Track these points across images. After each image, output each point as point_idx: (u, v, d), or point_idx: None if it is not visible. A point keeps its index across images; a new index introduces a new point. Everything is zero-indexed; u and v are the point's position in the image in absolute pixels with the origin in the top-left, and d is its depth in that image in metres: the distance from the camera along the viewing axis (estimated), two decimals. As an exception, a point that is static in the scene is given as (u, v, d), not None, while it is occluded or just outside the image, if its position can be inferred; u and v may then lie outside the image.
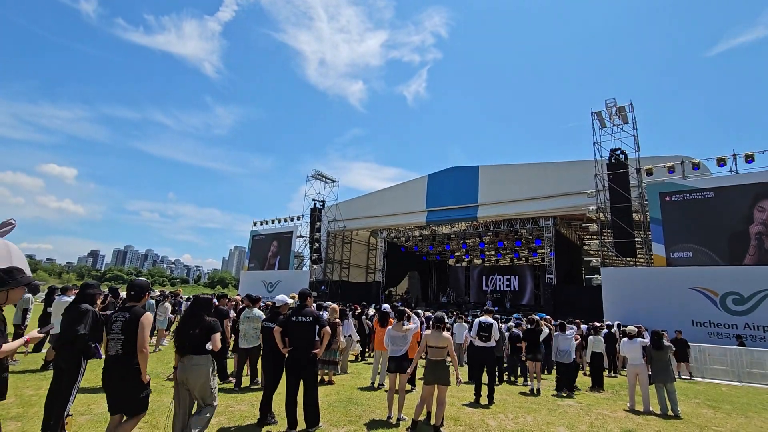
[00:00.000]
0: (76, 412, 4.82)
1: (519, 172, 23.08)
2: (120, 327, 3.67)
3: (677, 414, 6.74)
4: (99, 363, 7.62)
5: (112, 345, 3.66)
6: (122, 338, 3.63)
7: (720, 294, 14.06)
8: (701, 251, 15.38)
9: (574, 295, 21.19)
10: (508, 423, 5.74)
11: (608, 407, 7.21)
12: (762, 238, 14.39)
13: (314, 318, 5.01)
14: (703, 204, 15.59)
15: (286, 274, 29.24)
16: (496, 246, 29.77)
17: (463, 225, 26.72)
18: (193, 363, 4.01)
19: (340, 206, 30.84)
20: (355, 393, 6.97)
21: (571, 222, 25.47)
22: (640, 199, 17.59)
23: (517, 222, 23.87)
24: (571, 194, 20.23)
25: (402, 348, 5.74)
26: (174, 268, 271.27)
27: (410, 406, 6.00)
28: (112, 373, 3.63)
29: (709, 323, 14.00)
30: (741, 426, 6.35)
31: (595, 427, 5.80)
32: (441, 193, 25.70)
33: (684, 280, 14.77)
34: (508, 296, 29.56)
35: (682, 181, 16.32)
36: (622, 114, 18.42)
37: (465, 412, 6.20)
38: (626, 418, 6.52)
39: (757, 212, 14.55)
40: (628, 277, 16.42)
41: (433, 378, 5.13)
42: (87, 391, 5.99)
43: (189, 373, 3.98)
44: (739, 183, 15.17)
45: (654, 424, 6.20)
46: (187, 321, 4.25)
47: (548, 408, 6.82)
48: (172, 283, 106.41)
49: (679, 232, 15.93)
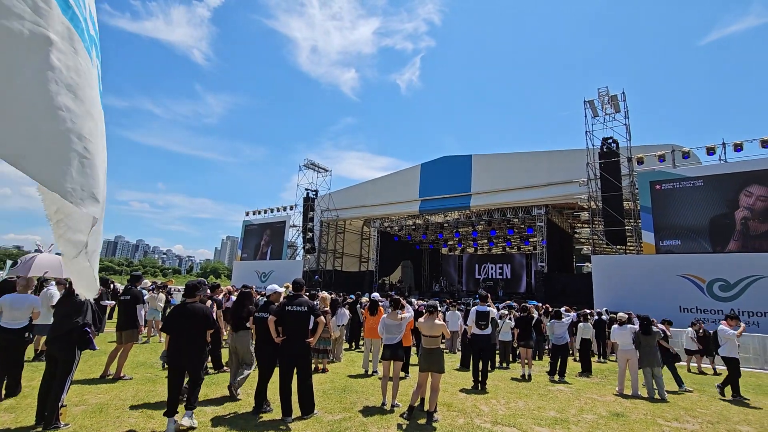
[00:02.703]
0: (70, 403, 4.81)
1: (512, 161, 23.14)
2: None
3: (664, 397, 6.92)
4: (93, 354, 7.62)
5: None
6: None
7: (707, 281, 14.35)
8: (689, 239, 15.63)
9: (565, 282, 21.46)
10: (500, 408, 5.85)
11: (597, 392, 7.38)
12: (747, 223, 14.65)
13: (309, 308, 5.03)
14: (692, 192, 15.80)
15: (279, 264, 29.18)
16: (488, 235, 29.95)
17: (456, 214, 26.82)
18: (240, 335, 5.93)
19: (333, 195, 30.72)
20: (349, 381, 7.04)
21: (563, 210, 25.68)
22: (631, 188, 17.76)
23: (510, 211, 24.01)
24: (563, 183, 20.35)
25: (396, 336, 5.80)
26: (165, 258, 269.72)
27: (404, 393, 6.09)
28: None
29: (696, 309, 14.31)
30: (724, 408, 6.54)
31: (584, 411, 5.94)
32: (434, 182, 25.70)
33: (672, 268, 15.03)
34: (501, 284, 29.87)
35: (673, 170, 16.50)
36: (614, 103, 18.48)
37: (458, 398, 6.30)
38: (615, 401, 6.68)
39: (744, 197, 14.78)
40: (617, 265, 16.65)
41: (427, 365, 5.24)
42: (81, 381, 5.98)
43: (238, 342, 5.91)
44: (727, 171, 15.38)
45: (642, 407, 6.36)
46: (238, 307, 6.06)
47: (539, 393, 6.96)
48: (164, 274, 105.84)
49: (668, 220, 16.15)
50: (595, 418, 5.58)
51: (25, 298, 5.04)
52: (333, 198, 30.56)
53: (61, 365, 4.31)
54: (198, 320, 4.61)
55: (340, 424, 4.71)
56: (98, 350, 7.85)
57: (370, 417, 5.06)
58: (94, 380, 6.17)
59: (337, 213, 30.27)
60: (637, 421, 5.58)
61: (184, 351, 4.49)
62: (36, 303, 5.17)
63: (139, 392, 5.65)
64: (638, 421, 5.58)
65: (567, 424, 5.21)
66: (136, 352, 8.54)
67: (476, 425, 4.97)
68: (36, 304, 5.15)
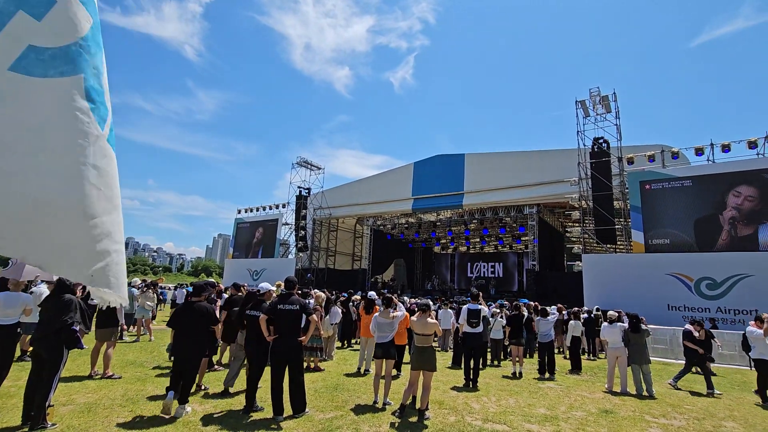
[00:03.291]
0: (57, 402, 4.74)
1: (504, 160, 23.26)
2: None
3: (652, 394, 7.02)
4: (80, 353, 7.53)
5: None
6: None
7: (695, 279, 14.58)
8: (678, 238, 15.86)
9: (556, 281, 21.67)
10: (491, 405, 5.89)
11: (587, 389, 7.46)
12: (735, 223, 14.91)
13: (301, 306, 5.01)
14: (681, 192, 16.03)
15: (271, 262, 29.05)
16: (481, 233, 30.12)
17: (449, 213, 26.91)
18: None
19: (326, 194, 30.64)
20: (342, 379, 7.04)
21: (554, 210, 25.89)
22: (621, 188, 17.97)
23: (502, 210, 24.15)
24: (555, 182, 20.53)
25: (389, 335, 5.81)
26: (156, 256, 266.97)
27: (395, 391, 6.11)
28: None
29: (684, 307, 14.54)
30: (711, 404, 6.65)
31: (574, 408, 6.00)
32: (427, 181, 25.76)
33: (661, 266, 15.25)
34: (493, 283, 30.06)
35: (662, 170, 16.71)
36: (605, 103, 18.67)
37: (449, 396, 6.33)
38: (604, 398, 6.76)
39: (733, 197, 15.03)
40: (607, 264, 16.85)
41: (419, 364, 5.25)
42: (69, 380, 5.90)
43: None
44: (715, 172, 15.63)
45: (630, 404, 6.45)
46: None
47: (529, 390, 7.02)
48: (155, 272, 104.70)
49: (657, 220, 16.37)
50: (585, 415, 5.64)
51: (18, 296, 4.98)
52: (326, 196, 30.48)
53: (48, 364, 4.25)
54: (201, 318, 5.04)
55: (331, 423, 4.71)
56: (86, 349, 7.79)
57: (362, 415, 5.07)
58: (82, 379, 6.10)
59: (330, 211, 30.19)
60: (626, 417, 5.65)
61: (186, 345, 4.96)
62: (29, 300, 5.12)
63: (128, 391, 5.59)
64: (627, 417, 5.65)
65: (557, 421, 5.26)
66: (125, 351, 8.45)
67: (467, 423, 5.00)
68: (29, 302, 5.11)
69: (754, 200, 14.70)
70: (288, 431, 4.44)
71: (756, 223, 14.54)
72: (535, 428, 4.96)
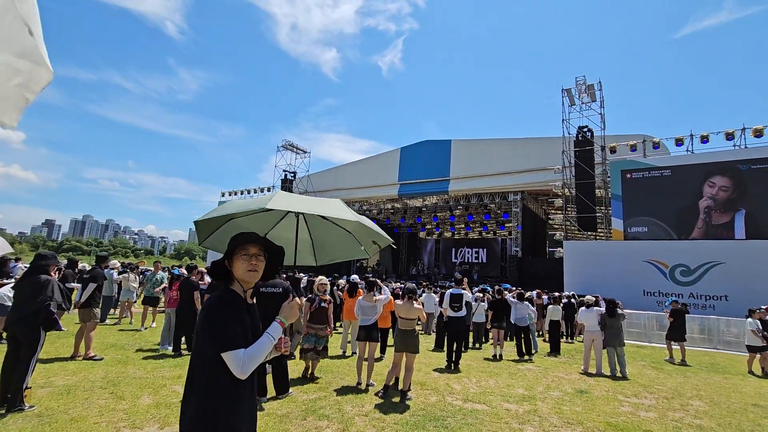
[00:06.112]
0: (35, 385, 4.67)
1: (491, 147, 23.37)
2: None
3: (625, 375, 7.32)
4: (59, 335, 7.39)
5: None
6: None
7: (670, 266, 15.09)
8: (656, 226, 16.33)
9: (538, 266, 22.13)
10: (472, 386, 6.05)
11: (564, 370, 7.72)
12: (710, 212, 15.42)
13: (284, 289, 5.01)
14: (660, 181, 16.43)
15: (256, 246, 28.80)
16: (465, 219, 30.38)
17: (435, 198, 27.01)
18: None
19: (312, 177, 30.39)
20: (325, 362, 7.10)
21: (537, 197, 26.24)
22: (603, 176, 18.31)
23: (487, 196, 24.36)
24: (540, 170, 20.78)
25: (371, 317, 5.87)
26: (137, 239, 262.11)
27: (378, 372, 6.21)
28: None
29: (658, 293, 15.06)
30: (680, 384, 6.97)
31: (551, 388, 6.21)
32: (413, 167, 25.74)
33: (638, 253, 15.72)
34: (476, 268, 30.52)
35: (643, 159, 17.07)
36: (590, 92, 18.84)
37: (432, 377, 6.47)
38: (579, 379, 7.01)
39: (708, 187, 15.52)
40: (587, 250, 17.27)
41: (402, 346, 5.34)
42: (47, 362, 5.81)
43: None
44: (694, 162, 16.05)
45: (604, 384, 6.71)
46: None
47: (509, 372, 7.23)
48: (136, 255, 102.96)
49: (637, 208, 16.80)
50: (561, 395, 5.85)
51: None
52: (311, 180, 30.23)
53: (25, 346, 4.16)
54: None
55: (315, 403, 4.77)
56: (65, 331, 7.66)
57: (345, 396, 5.15)
58: (61, 361, 6.01)
59: (316, 195, 29.97)
60: (600, 397, 5.88)
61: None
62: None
63: (108, 374, 5.54)
64: (600, 397, 5.89)
65: (534, 401, 5.44)
66: (105, 333, 8.34)
67: (448, 403, 5.13)
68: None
69: (728, 190, 15.19)
70: (272, 412, 4.48)
71: (732, 211, 15.07)
72: (513, 407, 5.13)
